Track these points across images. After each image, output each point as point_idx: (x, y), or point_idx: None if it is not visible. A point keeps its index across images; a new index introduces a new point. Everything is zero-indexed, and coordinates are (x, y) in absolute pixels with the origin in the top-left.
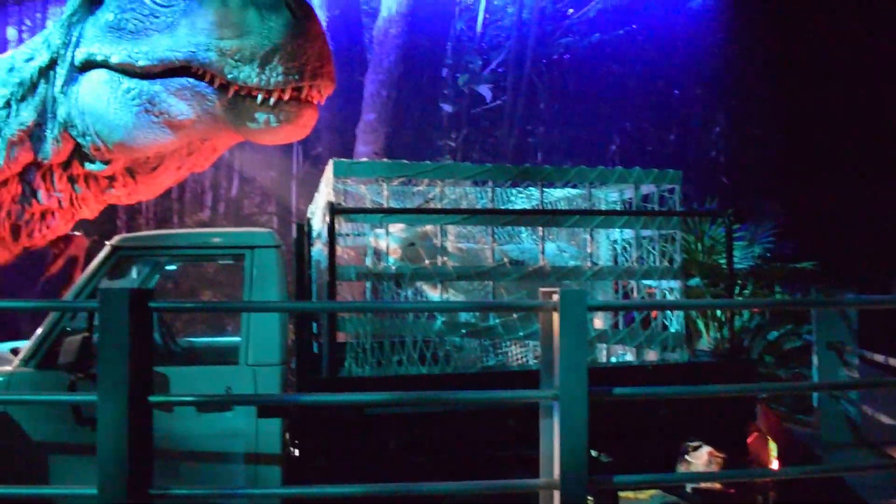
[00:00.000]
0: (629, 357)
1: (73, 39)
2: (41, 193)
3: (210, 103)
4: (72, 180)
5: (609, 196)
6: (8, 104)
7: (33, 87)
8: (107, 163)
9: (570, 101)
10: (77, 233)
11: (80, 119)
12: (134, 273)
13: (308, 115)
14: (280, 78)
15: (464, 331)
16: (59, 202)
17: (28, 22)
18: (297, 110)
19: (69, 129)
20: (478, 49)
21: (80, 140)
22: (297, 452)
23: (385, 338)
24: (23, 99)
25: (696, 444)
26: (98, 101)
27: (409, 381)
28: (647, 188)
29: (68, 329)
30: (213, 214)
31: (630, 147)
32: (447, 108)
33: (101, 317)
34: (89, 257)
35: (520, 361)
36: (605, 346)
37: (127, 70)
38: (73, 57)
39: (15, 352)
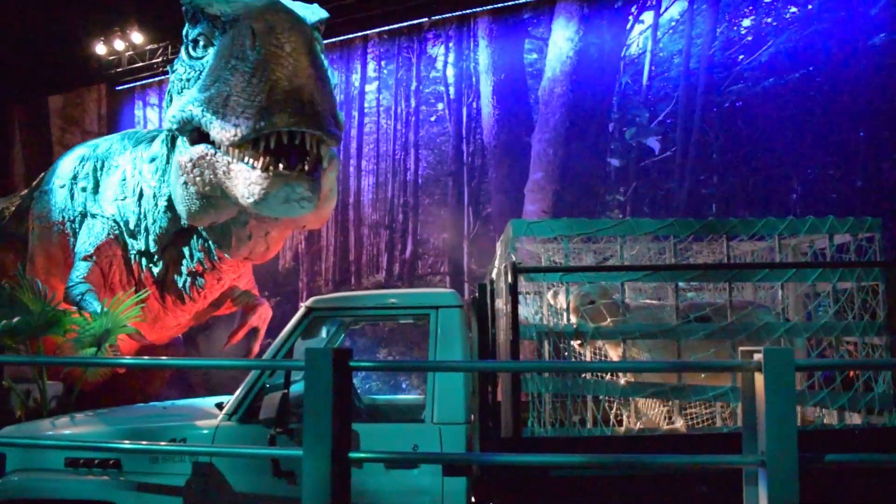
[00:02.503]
0: (826, 420)
1: (167, 106)
2: (187, 256)
3: (219, 173)
4: (205, 244)
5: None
6: (163, 176)
7: (167, 157)
8: (202, 230)
9: (744, 150)
10: (262, 300)
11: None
12: (323, 332)
13: (288, 185)
14: (230, 130)
15: (649, 391)
16: (202, 263)
17: None
18: (274, 182)
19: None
20: (644, 101)
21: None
22: None
23: (567, 397)
24: (164, 171)
25: None
26: (172, 169)
27: (593, 442)
28: (841, 238)
29: (267, 385)
30: (388, 276)
31: (813, 195)
32: (615, 162)
33: (306, 375)
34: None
35: (707, 423)
36: (799, 408)
37: (173, 133)
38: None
39: (220, 406)
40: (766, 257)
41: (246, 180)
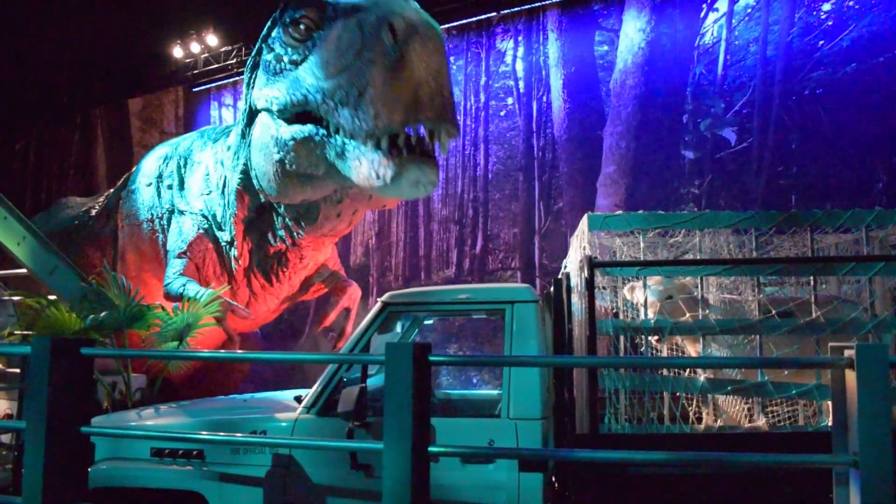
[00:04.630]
0: None
1: (252, 82)
2: (269, 236)
3: (330, 154)
4: (286, 221)
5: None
6: (236, 156)
7: (243, 136)
8: (279, 206)
9: (825, 139)
10: (351, 281)
11: (249, 162)
12: (398, 327)
13: (419, 169)
14: (369, 123)
15: (729, 388)
16: (285, 242)
17: None
18: (406, 165)
19: (250, 172)
20: (720, 92)
21: (253, 183)
22: None
23: (644, 393)
24: (237, 155)
25: None
26: (255, 145)
27: (672, 440)
28: None
29: (344, 379)
30: (458, 271)
31: None
32: (689, 154)
33: (387, 369)
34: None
35: (789, 422)
36: None
37: (273, 115)
38: (250, 99)
39: (298, 399)
40: (852, 250)
41: (373, 163)
